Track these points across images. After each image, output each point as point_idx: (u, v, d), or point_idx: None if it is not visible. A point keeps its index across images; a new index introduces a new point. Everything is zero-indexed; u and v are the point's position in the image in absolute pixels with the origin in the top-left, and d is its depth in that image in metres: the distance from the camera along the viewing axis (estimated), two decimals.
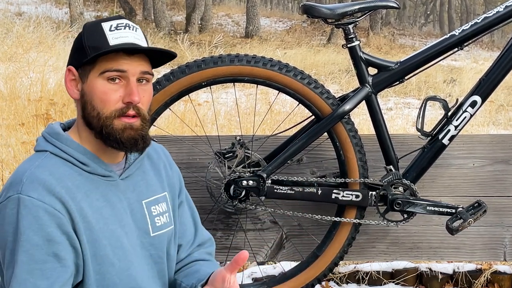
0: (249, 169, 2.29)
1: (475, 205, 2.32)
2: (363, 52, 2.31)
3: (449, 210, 2.32)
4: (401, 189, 2.32)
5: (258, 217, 2.56)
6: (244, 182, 2.25)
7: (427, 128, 2.34)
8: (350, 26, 2.29)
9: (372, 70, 2.33)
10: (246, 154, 2.31)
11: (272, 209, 2.42)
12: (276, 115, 5.83)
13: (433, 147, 2.34)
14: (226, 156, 2.29)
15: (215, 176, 2.33)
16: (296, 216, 2.40)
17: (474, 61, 14.24)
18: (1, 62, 7.31)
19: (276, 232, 2.57)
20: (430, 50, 2.32)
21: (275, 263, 3.18)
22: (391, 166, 2.34)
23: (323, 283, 3.15)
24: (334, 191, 2.30)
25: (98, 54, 1.45)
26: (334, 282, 3.19)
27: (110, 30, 1.48)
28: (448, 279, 3.19)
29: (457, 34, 2.31)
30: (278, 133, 2.49)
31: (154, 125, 2.37)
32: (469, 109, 2.31)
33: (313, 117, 2.34)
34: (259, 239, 2.56)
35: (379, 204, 2.32)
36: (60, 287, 1.42)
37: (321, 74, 10.16)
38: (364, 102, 2.32)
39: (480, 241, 2.59)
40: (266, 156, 2.36)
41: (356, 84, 2.35)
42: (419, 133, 2.34)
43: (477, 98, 2.31)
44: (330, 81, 9.43)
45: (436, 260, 3.14)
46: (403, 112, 7.96)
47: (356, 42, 2.30)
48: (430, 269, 3.20)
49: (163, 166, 1.70)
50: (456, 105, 2.34)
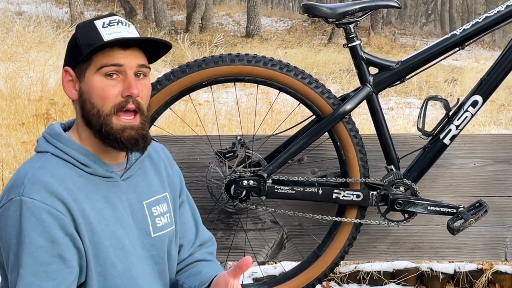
0: (250, 169, 2.28)
1: (476, 205, 2.32)
2: (364, 52, 2.31)
3: (450, 210, 2.31)
4: (402, 189, 2.32)
5: (259, 217, 2.56)
6: (245, 182, 2.24)
7: (428, 128, 2.33)
8: (351, 26, 2.28)
9: (373, 70, 2.33)
10: (247, 154, 2.30)
11: (273, 209, 2.42)
12: (277, 115, 5.83)
13: (434, 147, 2.33)
14: (227, 156, 2.28)
15: (216, 176, 2.33)
16: (297, 216, 2.39)
17: (475, 61, 14.23)
18: (1, 62, 7.31)
19: (277, 232, 2.57)
20: (431, 50, 2.32)
21: (276, 263, 3.18)
22: (392, 166, 2.33)
23: (324, 283, 3.15)
24: (335, 191, 2.29)
25: (93, 50, 1.45)
26: (335, 282, 3.19)
27: (103, 27, 1.48)
28: (449, 279, 3.18)
29: (458, 34, 2.30)
30: (279, 133, 2.49)
31: (155, 125, 2.36)
32: (470, 109, 2.31)
33: (314, 117, 2.33)
34: (260, 239, 2.56)
35: (380, 204, 2.31)
36: None
37: (322, 74, 10.15)
38: (365, 102, 2.31)
39: (481, 241, 2.58)
40: (267, 156, 2.36)
41: (357, 84, 2.35)
42: (420, 133, 2.33)
43: (478, 98, 2.30)
44: (331, 81, 9.43)
45: (437, 260, 3.14)
46: (404, 112, 7.95)
47: (357, 42, 2.29)
48: (431, 269, 3.20)
49: (164, 166, 1.70)
50: (457, 105, 2.33)
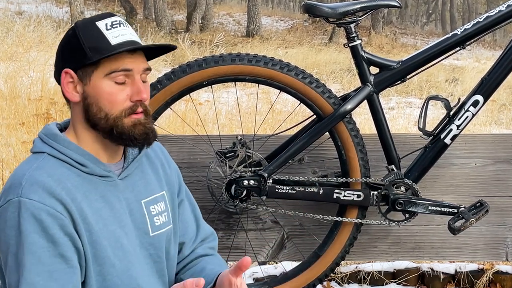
0: (250, 169, 2.28)
1: (477, 205, 2.31)
2: (365, 51, 2.30)
3: (451, 210, 2.31)
4: (403, 189, 2.31)
5: (259, 217, 2.55)
6: (245, 182, 2.24)
7: (429, 128, 2.33)
8: (352, 25, 2.28)
9: (374, 70, 2.32)
10: (247, 154, 2.30)
11: (273, 209, 2.41)
12: (278, 115, 5.82)
13: (435, 147, 2.33)
14: (227, 156, 2.28)
15: (216, 176, 2.33)
16: (298, 216, 2.39)
17: (476, 60, 14.21)
18: (2, 61, 7.31)
19: (278, 232, 2.56)
20: (432, 49, 2.31)
21: (277, 263, 3.17)
22: (393, 166, 2.33)
23: (325, 283, 3.14)
24: (336, 191, 2.29)
25: (106, 56, 1.44)
26: (336, 282, 3.19)
27: (107, 29, 1.47)
28: (450, 279, 3.18)
29: (459, 33, 2.30)
30: (280, 133, 2.48)
31: (155, 125, 2.35)
32: (471, 109, 2.30)
33: (315, 117, 2.33)
34: (260, 239, 2.56)
35: (381, 204, 2.31)
36: None
37: (323, 74, 10.14)
38: (366, 102, 2.31)
39: (482, 241, 2.58)
40: (267, 156, 2.36)
41: (358, 84, 2.34)
42: (421, 133, 2.33)
43: (479, 98, 2.30)
44: (332, 81, 9.42)
45: (438, 260, 3.13)
46: (405, 112, 7.94)
47: (358, 41, 2.29)
48: (432, 269, 3.19)
49: (161, 165, 1.69)
50: (458, 105, 2.33)
